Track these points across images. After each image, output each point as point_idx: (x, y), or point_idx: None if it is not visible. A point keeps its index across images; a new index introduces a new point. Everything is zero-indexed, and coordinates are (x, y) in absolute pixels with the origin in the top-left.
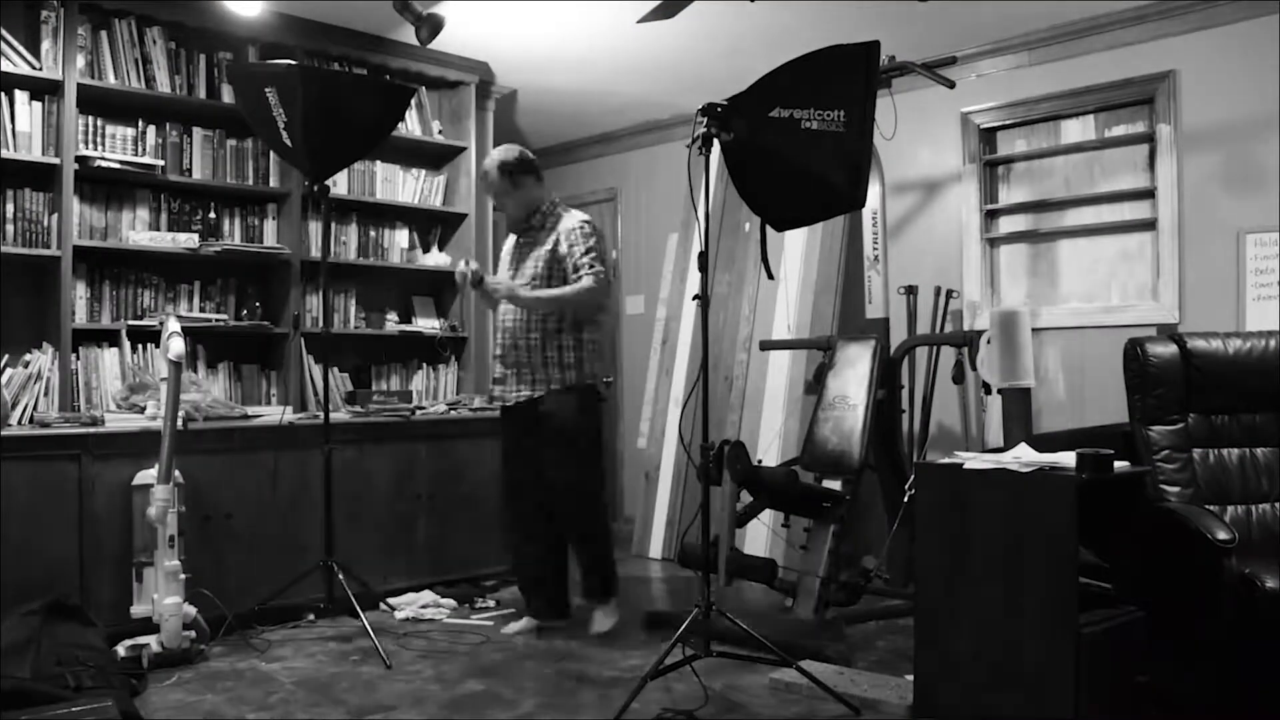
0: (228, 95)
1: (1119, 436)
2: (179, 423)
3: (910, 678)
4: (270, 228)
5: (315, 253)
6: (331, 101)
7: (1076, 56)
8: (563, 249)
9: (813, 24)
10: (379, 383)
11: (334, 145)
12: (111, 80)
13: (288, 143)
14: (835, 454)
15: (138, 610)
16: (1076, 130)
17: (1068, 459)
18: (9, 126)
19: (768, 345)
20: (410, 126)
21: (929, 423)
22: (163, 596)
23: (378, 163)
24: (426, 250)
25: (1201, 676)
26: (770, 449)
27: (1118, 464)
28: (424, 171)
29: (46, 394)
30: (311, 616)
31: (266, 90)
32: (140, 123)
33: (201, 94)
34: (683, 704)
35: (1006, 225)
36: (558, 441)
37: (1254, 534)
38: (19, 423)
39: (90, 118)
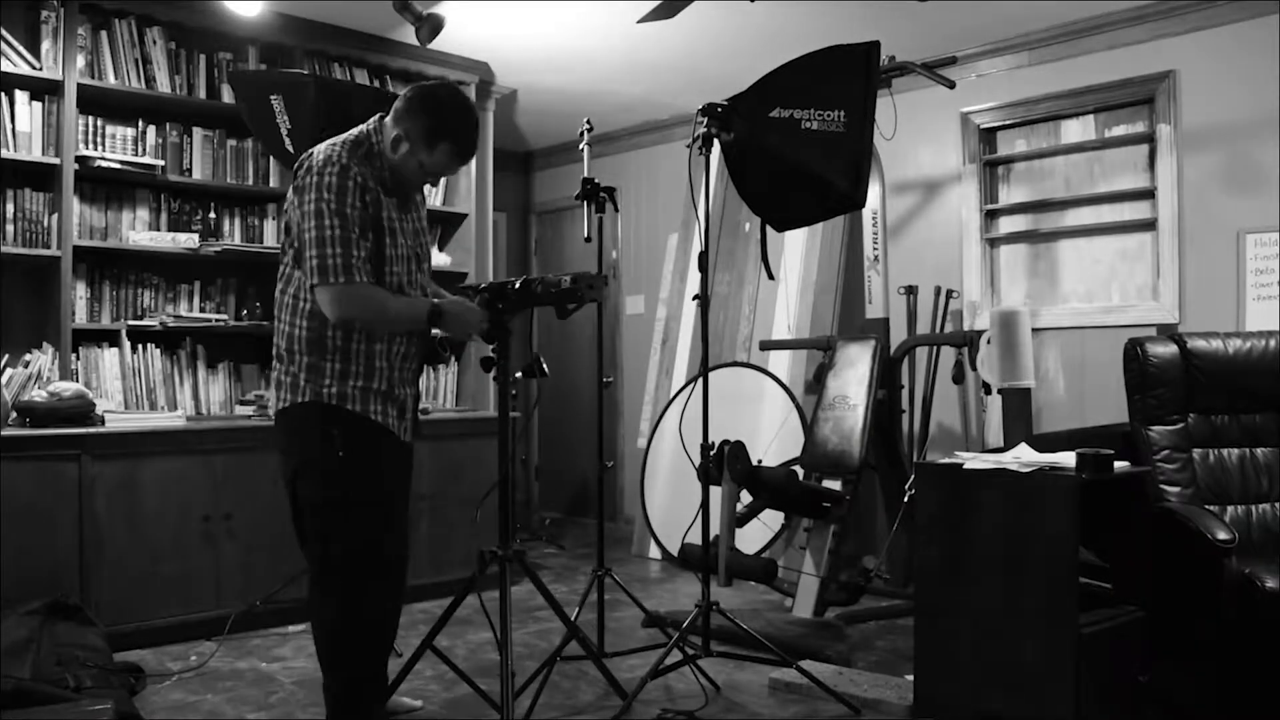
0: (228, 95)
1: (1119, 436)
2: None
3: (910, 678)
4: (270, 228)
5: None
6: (338, 109)
7: (1076, 56)
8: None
9: (813, 24)
10: None
11: None
12: (111, 80)
13: (290, 149)
14: (835, 454)
15: None
16: (1076, 130)
17: (1068, 459)
18: (9, 126)
19: (768, 345)
20: None
21: (929, 423)
22: None
23: None
24: None
25: (1201, 676)
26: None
27: (1118, 464)
28: None
29: None
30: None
31: (272, 97)
32: (140, 123)
33: (201, 94)
34: (683, 704)
35: (1006, 225)
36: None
37: (1254, 534)
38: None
39: (90, 118)
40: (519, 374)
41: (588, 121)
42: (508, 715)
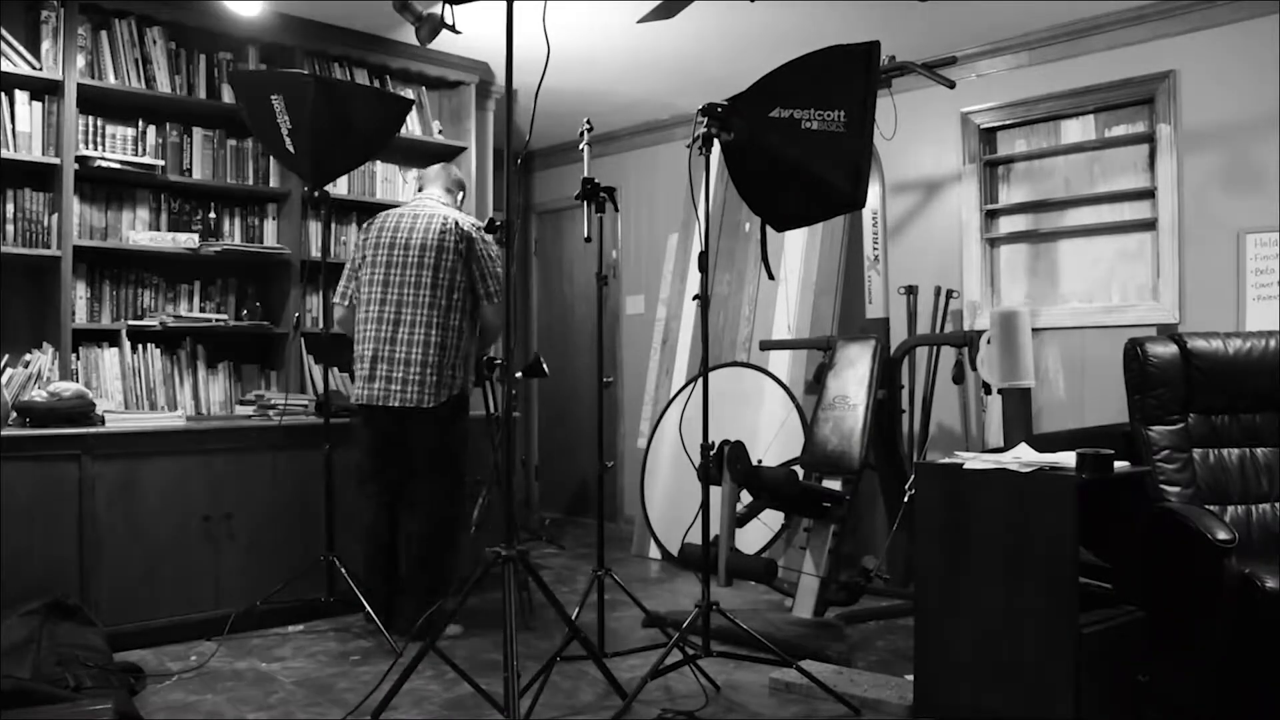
0: (228, 95)
1: (1119, 436)
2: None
3: (910, 678)
4: (270, 228)
5: (315, 253)
6: (338, 110)
7: (1076, 56)
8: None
9: (813, 24)
10: None
11: (337, 153)
12: (111, 80)
13: (290, 149)
14: (835, 454)
15: None
16: (1076, 130)
17: (1068, 459)
18: (9, 126)
19: (768, 345)
20: (410, 127)
21: (929, 423)
22: None
23: (378, 163)
24: None
25: (1201, 677)
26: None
27: (1118, 464)
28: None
29: None
30: (301, 628)
31: (272, 97)
32: (140, 123)
33: (201, 94)
34: (683, 704)
35: (1006, 225)
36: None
37: (1254, 534)
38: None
39: (90, 118)
40: (519, 374)
41: (588, 121)
42: (513, 715)
